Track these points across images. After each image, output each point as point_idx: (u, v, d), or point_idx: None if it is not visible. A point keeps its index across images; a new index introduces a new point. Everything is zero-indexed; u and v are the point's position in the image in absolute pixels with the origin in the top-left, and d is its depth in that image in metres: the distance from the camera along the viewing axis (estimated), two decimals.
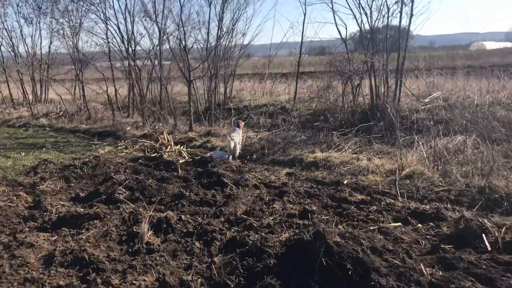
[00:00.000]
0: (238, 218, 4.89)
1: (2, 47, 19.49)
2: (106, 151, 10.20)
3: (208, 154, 9.60)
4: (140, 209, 5.19)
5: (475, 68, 17.88)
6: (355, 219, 5.24)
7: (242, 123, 10.08)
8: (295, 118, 12.72)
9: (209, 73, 13.11)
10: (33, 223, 5.26)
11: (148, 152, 10.55)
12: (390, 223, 5.14)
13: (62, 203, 5.87)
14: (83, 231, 4.76)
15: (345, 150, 9.22)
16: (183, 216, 4.86)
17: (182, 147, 10.86)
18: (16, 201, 5.93)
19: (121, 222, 4.94)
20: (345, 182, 7.24)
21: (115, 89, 16.14)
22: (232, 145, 9.14)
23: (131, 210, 5.41)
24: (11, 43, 19.26)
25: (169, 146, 10.78)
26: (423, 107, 10.69)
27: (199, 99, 14.69)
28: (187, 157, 9.85)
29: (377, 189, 6.82)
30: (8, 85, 20.27)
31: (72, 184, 6.89)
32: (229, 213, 5.11)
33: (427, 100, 11.32)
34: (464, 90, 12.74)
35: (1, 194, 6.34)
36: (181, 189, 6.14)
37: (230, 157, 9.29)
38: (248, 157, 9.68)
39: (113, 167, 7.97)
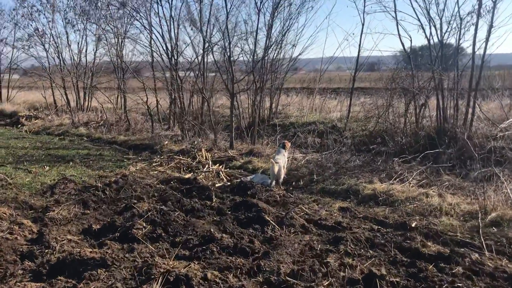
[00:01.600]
0: (282, 281, 3.68)
1: (48, 53, 19.28)
2: (137, 168, 9.28)
3: (249, 178, 8.46)
4: (157, 258, 4.06)
5: None
6: (438, 287, 3.91)
7: (288, 144, 8.88)
8: (347, 139, 11.38)
9: (255, 86, 12.05)
10: (29, 263, 4.27)
11: (183, 170, 9.56)
12: None
13: (70, 237, 4.87)
14: (82, 284, 3.69)
15: (409, 181, 7.83)
16: (209, 273, 3.70)
17: (221, 166, 9.80)
18: (18, 231, 4.99)
19: (131, 274, 3.84)
20: (413, 225, 5.88)
21: (157, 100, 15.36)
22: (276, 169, 7.96)
23: (147, 255, 4.31)
24: (57, 50, 19.01)
25: (207, 165, 9.73)
26: (501, 133, 9.11)
27: (242, 113, 13.65)
28: (225, 180, 8.76)
29: (455, 237, 5.42)
30: (53, 92, 20.04)
31: (89, 211, 5.91)
32: (269, 270, 3.91)
33: (504, 125, 9.71)
34: None
35: (6, 219, 5.42)
36: (212, 229, 4.99)
37: (274, 182, 8.12)
38: (293, 183, 8.46)
39: (140, 190, 6.97)
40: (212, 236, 4.70)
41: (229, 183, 8.26)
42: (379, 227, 5.89)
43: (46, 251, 4.52)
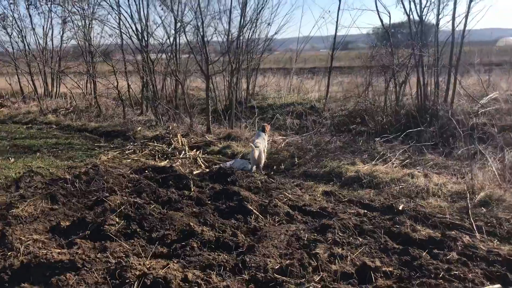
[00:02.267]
0: (269, 278, 3.38)
1: (11, 38, 18.28)
2: (109, 157, 8.82)
3: (228, 164, 8.13)
4: (132, 258, 3.71)
5: None
6: (434, 276, 3.68)
7: (268, 127, 8.56)
8: (327, 120, 11.14)
9: (230, 67, 11.61)
10: None
11: (158, 158, 9.15)
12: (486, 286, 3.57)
13: (36, 237, 4.46)
14: None
15: (392, 162, 7.63)
16: (190, 274, 3.37)
17: (198, 152, 9.42)
18: None
19: (104, 277, 3.48)
20: (400, 208, 5.68)
21: (128, 84, 14.77)
22: (256, 154, 7.64)
23: (121, 254, 3.95)
24: (21, 34, 18.03)
25: (183, 152, 9.34)
26: (482, 110, 8.99)
27: (218, 96, 13.22)
28: (203, 166, 8.40)
29: (445, 219, 5.23)
30: (19, 78, 19.11)
31: (57, 207, 5.46)
32: (255, 266, 3.61)
33: (484, 101, 9.61)
34: None
35: None
36: (191, 222, 4.64)
37: (254, 167, 7.81)
38: (275, 167, 8.17)
39: (112, 181, 6.54)
40: (191, 230, 4.37)
41: (207, 170, 7.91)
42: (365, 211, 5.66)
43: (9, 253, 4.10)
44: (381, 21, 10.10)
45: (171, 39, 12.64)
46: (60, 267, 3.68)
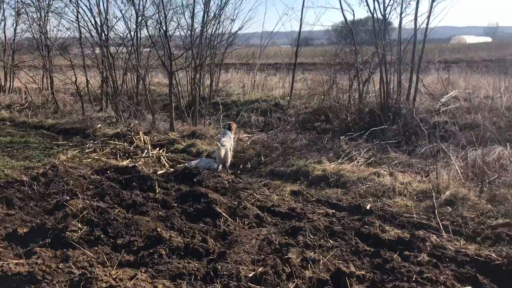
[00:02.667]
0: (243, 287, 3.27)
1: None
2: (69, 156, 8.44)
3: (194, 163, 7.95)
4: (97, 269, 3.51)
5: (467, 62, 16.55)
6: (406, 279, 3.69)
7: (234, 126, 8.43)
8: (292, 117, 11.12)
9: (194, 62, 11.39)
10: None
11: (120, 157, 8.85)
12: None
13: None
14: None
15: (357, 160, 7.68)
16: (160, 285, 3.22)
17: (161, 151, 9.19)
18: None
19: None
20: (368, 207, 5.71)
21: (87, 79, 14.25)
22: (222, 152, 7.51)
23: (85, 264, 3.75)
24: None
25: (146, 150, 9.08)
26: (444, 108, 9.19)
27: (181, 92, 12.94)
28: (167, 165, 8.19)
29: (412, 219, 5.29)
30: None
31: (13, 211, 5.15)
32: (228, 275, 3.48)
33: (444, 99, 9.85)
34: (481, 88, 11.31)
35: None
36: (158, 228, 4.47)
37: (220, 166, 7.67)
38: (241, 166, 8.07)
39: (73, 182, 6.25)
40: (159, 235, 4.20)
41: (172, 170, 7.70)
42: (334, 211, 5.65)
43: None
44: (345, 19, 10.16)
45: (132, 33, 12.28)
46: (18, 280, 3.44)
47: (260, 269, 3.53)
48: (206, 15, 11.34)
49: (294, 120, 10.96)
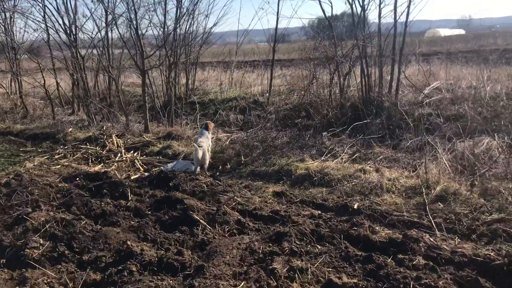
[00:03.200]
0: None
1: None
2: (36, 163, 7.92)
3: (169, 166, 7.52)
4: None
5: (445, 54, 16.45)
6: (403, 287, 3.36)
7: (211, 125, 8.04)
8: (271, 114, 10.77)
9: (168, 61, 10.93)
10: None
11: (92, 162, 8.37)
12: None
13: None
14: None
15: (341, 157, 7.36)
16: None
17: (136, 154, 8.73)
18: None
19: None
20: (355, 207, 5.39)
21: (57, 82, 13.65)
22: (200, 154, 7.10)
23: (45, 286, 3.31)
24: None
25: (119, 154, 8.61)
26: (427, 100, 8.95)
27: (156, 92, 12.46)
28: (141, 169, 7.75)
29: (402, 217, 5.00)
30: None
31: None
32: None
33: (426, 91, 9.62)
34: (463, 79, 11.14)
35: None
36: (129, 240, 4.04)
37: (198, 168, 7.27)
38: (220, 167, 7.68)
39: (38, 192, 5.77)
40: (129, 249, 3.78)
41: (147, 174, 7.28)
42: (320, 212, 5.32)
43: None
44: (323, 11, 9.85)
45: (103, 32, 11.75)
46: None
47: (242, 284, 3.15)
48: (179, 10, 10.89)
49: (274, 117, 10.60)
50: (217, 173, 7.38)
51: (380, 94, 9.25)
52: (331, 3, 9.61)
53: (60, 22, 11.52)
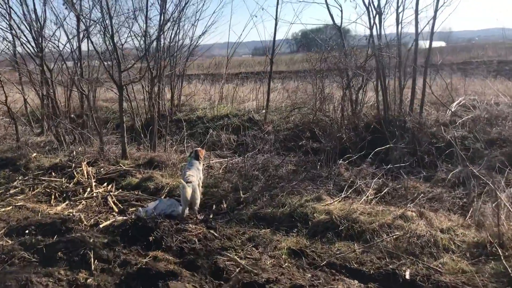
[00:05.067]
0: None
1: None
2: None
3: (150, 207, 5.94)
4: None
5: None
6: None
7: (202, 153, 6.48)
8: (270, 135, 9.27)
9: (150, 74, 9.38)
10: None
11: (55, 198, 6.80)
12: None
13: None
14: None
15: (367, 194, 5.88)
16: None
17: (110, 187, 7.17)
18: None
19: None
20: (407, 276, 3.89)
21: (24, 99, 11.97)
22: (189, 193, 5.54)
23: None
24: None
25: (89, 188, 7.01)
26: (459, 120, 7.54)
27: (137, 108, 10.90)
28: (115, 210, 6.16)
29: None
30: None
31: None
32: None
33: (453, 108, 8.23)
34: (482, 94, 9.83)
35: None
36: None
37: (186, 210, 5.71)
38: (214, 207, 6.14)
39: None
40: None
41: (121, 218, 5.68)
42: (358, 283, 3.82)
43: None
44: (331, 16, 8.42)
45: (75, 43, 10.15)
46: None
47: None
48: (162, 16, 9.37)
49: (273, 138, 9.10)
50: (211, 216, 5.83)
51: (400, 113, 7.82)
52: (341, 7, 8.21)
53: (28, 30, 9.95)
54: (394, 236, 4.63)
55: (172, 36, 10.72)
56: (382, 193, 5.89)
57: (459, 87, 10.36)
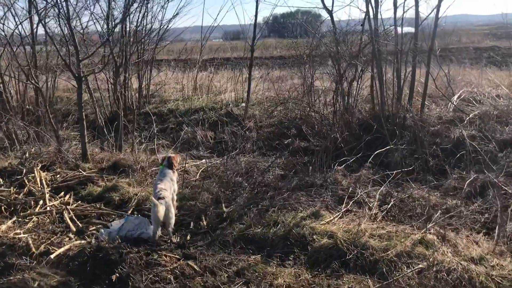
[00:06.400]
0: None
1: None
2: None
3: (114, 227, 4.96)
4: None
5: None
6: None
7: (177, 159, 5.46)
8: (251, 132, 8.33)
9: (114, 62, 8.24)
10: None
11: (2, 211, 5.66)
12: None
13: None
14: None
15: (371, 206, 5.03)
16: None
17: (68, 197, 6.09)
18: None
19: None
20: None
21: None
22: (161, 212, 4.53)
23: None
24: None
25: (42, 200, 5.91)
26: (466, 117, 6.75)
27: (101, 100, 9.74)
28: (73, 229, 5.12)
29: None
30: None
31: None
32: None
33: (455, 101, 7.46)
34: (479, 85, 9.12)
35: None
36: None
37: (159, 231, 4.74)
38: (192, 225, 5.17)
39: None
40: None
41: (78, 242, 4.65)
42: None
43: None
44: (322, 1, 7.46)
45: (27, 27, 8.87)
46: None
47: None
48: None
49: (255, 136, 8.17)
50: (188, 237, 4.86)
51: (399, 108, 6.99)
52: None
53: None
54: (416, 268, 3.77)
55: (140, 19, 9.59)
56: (389, 206, 5.05)
57: (458, 79, 9.60)
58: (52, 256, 4.30)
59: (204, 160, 7.46)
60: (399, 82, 7.10)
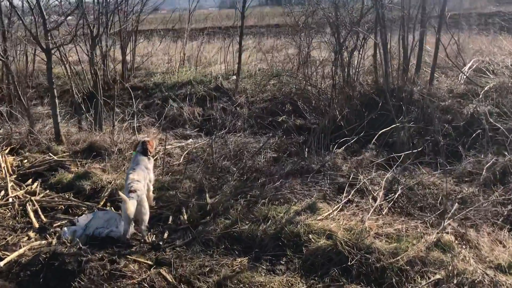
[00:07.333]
0: None
1: None
2: None
3: (80, 223, 4.35)
4: None
5: None
6: None
7: (152, 144, 4.77)
8: (242, 108, 7.62)
9: (90, 32, 7.42)
10: None
11: None
12: None
13: None
14: None
15: (375, 196, 4.39)
16: None
17: (35, 185, 5.44)
18: None
19: None
20: None
21: None
22: (131, 208, 3.87)
23: None
24: None
25: (4, 190, 5.25)
26: (481, 90, 6.02)
27: (82, 74, 8.94)
28: (35, 226, 4.47)
29: None
30: None
31: None
32: None
33: (467, 73, 6.73)
34: (491, 53, 8.38)
35: None
36: None
37: (131, 229, 4.10)
38: (171, 220, 4.50)
39: None
40: None
41: (37, 243, 4.03)
42: None
43: None
44: None
45: None
46: None
47: None
48: None
49: (247, 112, 7.47)
50: (165, 235, 4.22)
51: (405, 81, 6.26)
52: None
53: None
54: (431, 278, 3.15)
55: None
56: (396, 195, 4.39)
57: (468, 48, 8.82)
58: (1, 263, 3.67)
59: (190, 140, 6.78)
60: (405, 52, 6.36)
